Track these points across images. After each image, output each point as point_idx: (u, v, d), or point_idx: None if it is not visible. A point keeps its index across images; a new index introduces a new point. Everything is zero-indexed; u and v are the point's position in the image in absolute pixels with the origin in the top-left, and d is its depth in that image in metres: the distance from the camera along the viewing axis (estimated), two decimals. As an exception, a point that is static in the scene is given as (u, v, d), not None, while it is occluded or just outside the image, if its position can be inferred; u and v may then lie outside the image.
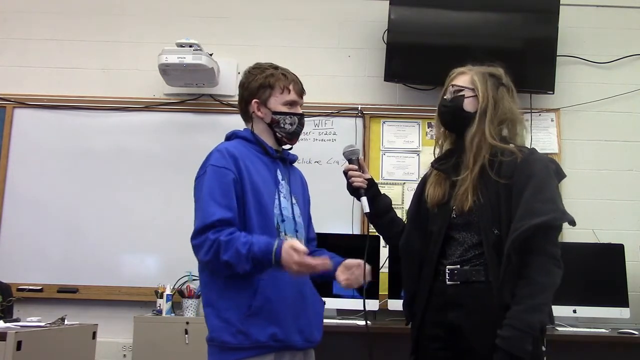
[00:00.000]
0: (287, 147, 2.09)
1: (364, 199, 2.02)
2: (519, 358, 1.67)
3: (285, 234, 1.93)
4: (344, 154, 2.10)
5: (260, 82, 2.01)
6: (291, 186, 2.03)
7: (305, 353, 1.97)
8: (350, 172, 2.06)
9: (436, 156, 2.06)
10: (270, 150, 2.01)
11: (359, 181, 2.04)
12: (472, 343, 1.80)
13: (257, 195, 1.89)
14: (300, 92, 2.05)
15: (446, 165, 1.98)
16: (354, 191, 2.06)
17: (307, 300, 1.95)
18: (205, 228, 1.80)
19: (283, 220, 1.93)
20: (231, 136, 2.06)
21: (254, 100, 2.02)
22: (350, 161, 2.08)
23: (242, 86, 2.06)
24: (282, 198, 1.97)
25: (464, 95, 1.95)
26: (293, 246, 1.75)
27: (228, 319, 1.82)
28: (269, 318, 1.82)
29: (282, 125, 2.01)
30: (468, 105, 1.94)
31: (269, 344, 1.82)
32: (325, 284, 3.32)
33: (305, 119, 2.09)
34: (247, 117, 2.06)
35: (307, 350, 1.98)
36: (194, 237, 1.83)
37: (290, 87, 2.02)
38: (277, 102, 2.00)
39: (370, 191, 2.06)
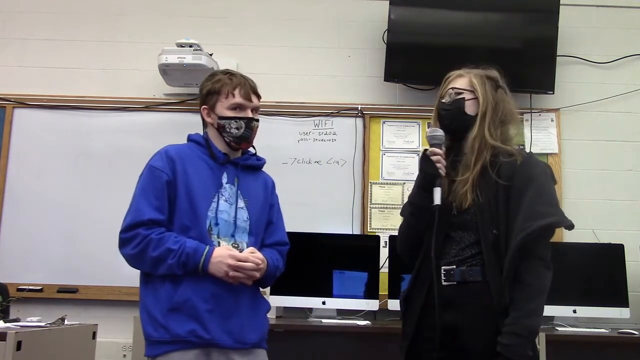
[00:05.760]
0: (251, 150, 2.11)
1: (438, 190, 1.86)
2: None
3: (218, 237, 1.96)
4: (427, 137, 1.95)
5: (208, 88, 2.06)
6: (243, 190, 2.03)
7: (243, 354, 1.93)
8: (435, 157, 1.89)
9: None
10: (218, 154, 2.03)
11: (442, 168, 1.89)
12: (467, 344, 1.80)
13: (189, 197, 1.93)
14: (248, 95, 2.03)
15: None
16: (430, 180, 1.89)
17: (242, 302, 1.95)
18: (137, 224, 1.89)
19: (217, 224, 1.95)
20: (187, 139, 2.11)
21: (203, 106, 2.07)
22: (432, 145, 1.92)
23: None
24: (222, 202, 1.97)
25: (464, 98, 1.94)
26: (230, 254, 1.88)
27: (153, 314, 1.89)
28: (189, 314, 1.87)
29: (228, 130, 2.03)
30: (469, 108, 1.94)
31: (190, 339, 1.86)
32: (325, 285, 3.34)
33: (305, 119, 2.07)
34: (204, 123, 2.10)
35: (245, 350, 1.93)
36: (123, 231, 1.92)
37: (236, 91, 2.02)
38: (222, 107, 2.03)
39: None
